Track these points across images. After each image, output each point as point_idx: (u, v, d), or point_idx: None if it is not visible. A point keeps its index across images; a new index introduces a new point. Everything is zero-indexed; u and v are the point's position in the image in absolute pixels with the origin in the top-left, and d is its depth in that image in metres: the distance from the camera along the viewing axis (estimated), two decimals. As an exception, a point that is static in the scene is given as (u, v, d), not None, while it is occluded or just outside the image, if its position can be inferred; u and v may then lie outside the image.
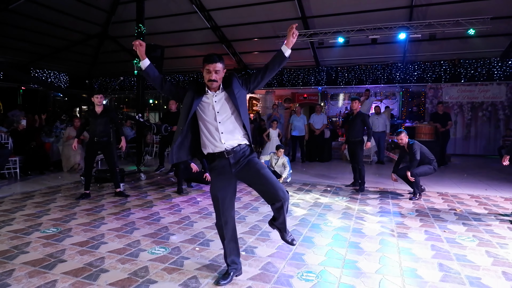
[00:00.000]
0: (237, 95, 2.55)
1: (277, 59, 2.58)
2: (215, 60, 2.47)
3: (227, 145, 2.56)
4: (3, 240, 3.52)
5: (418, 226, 4.10)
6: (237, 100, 2.54)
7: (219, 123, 2.56)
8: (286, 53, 2.55)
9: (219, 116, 2.56)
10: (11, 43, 12.16)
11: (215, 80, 2.49)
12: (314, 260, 3.09)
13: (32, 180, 6.76)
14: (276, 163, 6.55)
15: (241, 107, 2.56)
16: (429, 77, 12.04)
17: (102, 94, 5.27)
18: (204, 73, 2.52)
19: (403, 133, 5.54)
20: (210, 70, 2.48)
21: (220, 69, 2.50)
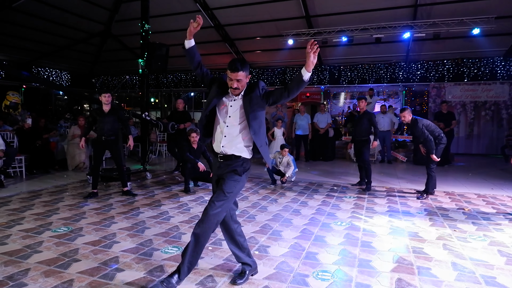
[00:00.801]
0: (252, 107, 2.48)
1: (295, 83, 2.38)
2: (237, 69, 2.41)
3: (224, 149, 2.57)
4: (15, 239, 3.52)
5: (428, 225, 4.11)
6: (250, 112, 2.47)
7: (226, 126, 2.56)
8: (305, 76, 2.30)
9: (229, 120, 2.56)
10: (14, 41, 12.12)
11: (236, 88, 2.48)
12: (328, 259, 3.10)
13: (38, 179, 6.75)
14: (281, 162, 6.56)
15: (253, 119, 2.48)
16: (432, 76, 12.05)
17: (110, 93, 5.26)
18: (227, 79, 2.50)
19: (407, 110, 5.40)
20: (232, 78, 2.45)
21: (243, 77, 2.45)
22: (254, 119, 2.50)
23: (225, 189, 2.51)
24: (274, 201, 5.25)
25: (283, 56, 13.04)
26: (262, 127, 2.58)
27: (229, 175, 2.56)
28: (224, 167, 2.59)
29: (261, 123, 2.56)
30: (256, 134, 2.52)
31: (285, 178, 6.36)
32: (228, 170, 2.57)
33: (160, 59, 8.05)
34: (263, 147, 2.59)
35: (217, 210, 2.47)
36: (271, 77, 14.01)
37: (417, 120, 5.34)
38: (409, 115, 5.39)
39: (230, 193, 2.52)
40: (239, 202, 5.12)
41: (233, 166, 2.56)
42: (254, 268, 2.77)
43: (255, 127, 2.50)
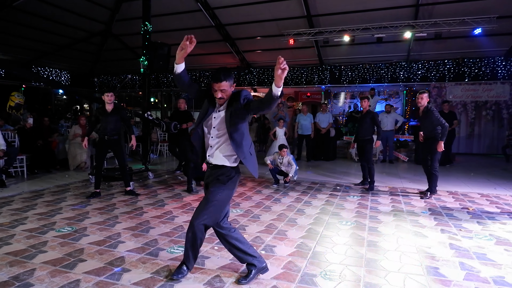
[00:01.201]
0: (233, 120, 2.46)
1: (267, 99, 2.28)
2: (220, 80, 2.42)
3: (209, 159, 2.63)
4: (20, 239, 3.49)
5: (433, 225, 4.10)
6: (231, 125, 2.47)
7: (211, 138, 2.60)
8: (275, 92, 2.21)
9: (213, 132, 2.58)
10: (14, 40, 12.08)
11: (221, 98, 2.49)
12: (334, 259, 3.08)
13: (39, 178, 6.72)
14: (282, 162, 6.51)
15: (234, 132, 2.48)
16: (433, 76, 12.04)
17: (113, 92, 5.24)
18: (212, 90, 2.50)
19: (425, 94, 5.30)
20: (216, 89, 2.46)
21: (226, 87, 2.45)
22: (236, 131, 2.50)
23: (210, 198, 2.56)
24: (277, 200, 5.23)
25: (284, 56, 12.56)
26: (245, 139, 2.56)
27: (213, 183, 2.61)
28: (210, 176, 2.66)
29: (243, 135, 2.55)
30: (239, 147, 2.52)
31: (289, 178, 6.35)
32: (213, 179, 2.62)
33: (162, 58, 8.04)
34: (247, 159, 2.56)
35: (200, 219, 2.52)
36: (272, 77, 13.94)
37: (432, 108, 5.31)
38: (427, 99, 5.30)
39: (214, 201, 2.54)
40: (243, 202, 5.11)
41: (217, 174, 2.60)
42: (260, 267, 2.74)
43: (237, 139, 2.51)
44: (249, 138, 2.64)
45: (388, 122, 9.31)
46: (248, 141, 2.62)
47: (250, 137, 2.68)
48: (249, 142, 2.62)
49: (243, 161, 2.55)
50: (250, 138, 2.67)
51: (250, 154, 2.60)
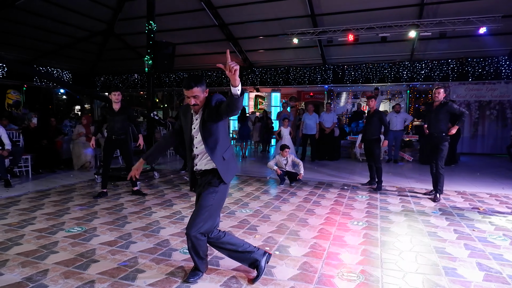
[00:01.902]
0: (206, 125, 2.46)
1: (230, 100, 2.23)
2: (191, 86, 2.39)
3: (197, 167, 2.61)
4: (30, 240, 3.45)
5: (445, 225, 4.06)
6: (204, 130, 2.47)
7: (195, 148, 2.58)
8: (234, 91, 2.16)
9: (196, 141, 2.57)
10: (16, 40, 12.02)
11: (195, 104, 2.46)
12: (350, 259, 3.05)
13: (44, 178, 6.67)
14: (286, 163, 6.43)
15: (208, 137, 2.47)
16: (436, 75, 12.02)
17: (120, 91, 5.19)
18: (186, 99, 2.51)
19: (442, 89, 5.26)
20: (188, 96, 2.44)
21: (199, 93, 2.42)
22: (209, 136, 2.49)
23: (202, 204, 2.51)
24: (286, 200, 5.20)
25: (287, 56, 13.01)
26: (219, 142, 2.53)
27: (205, 189, 2.57)
28: (201, 183, 2.63)
29: (217, 139, 2.52)
30: (212, 151, 2.50)
31: (301, 175, 6.28)
32: (205, 183, 2.58)
33: (167, 57, 8.02)
34: (220, 164, 2.53)
35: (196, 228, 2.47)
36: (274, 77, 13.95)
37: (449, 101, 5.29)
38: (443, 94, 5.26)
39: (208, 206, 2.51)
40: (251, 202, 5.07)
41: (208, 179, 2.58)
42: (263, 258, 2.71)
43: (210, 144, 2.49)
44: (226, 142, 2.60)
45: (397, 122, 9.26)
46: (224, 145, 2.57)
47: (228, 141, 2.65)
48: (224, 147, 2.57)
49: (218, 166, 2.51)
50: (227, 142, 2.64)
51: (223, 159, 2.55)
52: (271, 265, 2.90)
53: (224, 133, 2.57)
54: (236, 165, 2.75)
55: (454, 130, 5.12)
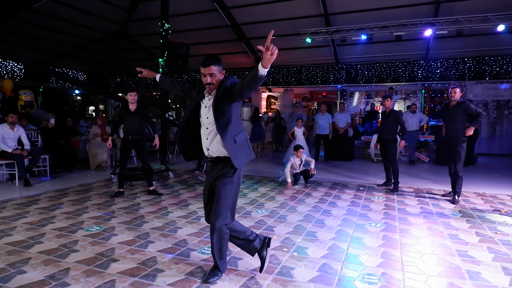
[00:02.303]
0: (219, 104, 2.44)
1: (250, 78, 2.22)
2: (209, 64, 2.41)
3: (209, 153, 2.58)
4: (50, 238, 3.50)
5: (466, 227, 3.97)
6: (216, 109, 2.45)
7: (206, 129, 2.56)
8: (261, 72, 2.14)
9: (206, 121, 2.55)
10: (32, 41, 12.26)
11: (211, 83, 2.46)
12: (370, 261, 3.00)
13: (62, 177, 6.78)
14: (300, 163, 6.38)
15: (220, 117, 2.44)
16: (452, 74, 11.79)
17: (136, 92, 5.24)
18: (202, 77, 2.50)
19: (458, 88, 5.19)
20: (205, 73, 2.44)
21: (216, 71, 2.44)
22: (222, 116, 2.47)
23: (221, 195, 2.52)
24: (301, 201, 5.16)
25: (299, 55, 12.93)
26: (232, 124, 2.49)
27: (220, 180, 2.55)
28: (214, 171, 2.60)
29: (229, 120, 2.49)
30: (223, 130, 2.46)
31: (312, 170, 6.24)
32: (219, 175, 2.56)
33: (180, 58, 8.04)
34: (230, 145, 2.48)
35: (222, 220, 2.50)
36: (287, 77, 13.90)
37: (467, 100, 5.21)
38: (460, 93, 5.17)
39: (228, 197, 2.53)
40: (266, 203, 5.05)
41: (222, 169, 2.56)
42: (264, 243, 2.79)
43: (221, 124, 2.46)
44: (238, 125, 2.57)
45: (413, 122, 9.12)
46: (236, 127, 2.54)
47: (241, 125, 2.61)
48: (236, 129, 2.54)
49: (226, 147, 2.47)
50: (240, 126, 2.60)
51: (235, 141, 2.51)
52: (290, 267, 2.88)
53: (236, 116, 2.55)
54: (250, 151, 2.66)
55: (471, 131, 5.00)
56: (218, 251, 2.60)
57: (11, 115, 6.20)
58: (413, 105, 9.65)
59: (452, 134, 5.19)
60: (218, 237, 2.54)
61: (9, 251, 3.16)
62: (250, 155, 2.66)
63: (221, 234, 2.53)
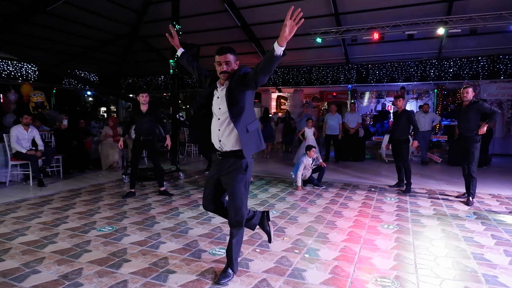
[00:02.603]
0: (232, 92, 2.42)
1: (266, 58, 2.19)
2: (225, 52, 2.43)
3: (221, 144, 2.55)
4: (64, 238, 3.55)
5: (482, 229, 3.89)
6: (229, 98, 2.42)
7: (218, 119, 2.55)
8: (277, 51, 2.10)
9: (219, 112, 2.53)
10: (45, 44, 12.46)
11: (226, 71, 2.45)
12: (383, 264, 2.96)
13: (74, 178, 6.88)
14: (312, 162, 6.28)
15: (233, 105, 2.42)
16: (465, 73, 11.58)
17: (147, 93, 5.27)
18: (216, 66, 2.49)
19: (471, 88, 5.11)
20: (221, 61, 2.44)
21: (231, 60, 2.45)
22: (235, 105, 2.44)
23: (237, 195, 2.54)
24: (312, 202, 5.13)
25: (309, 55, 12.86)
26: (244, 112, 2.47)
27: (233, 177, 2.54)
28: (224, 165, 2.58)
29: (242, 108, 2.46)
30: (237, 120, 2.44)
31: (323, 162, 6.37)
32: (230, 170, 2.55)
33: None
34: (243, 134, 2.46)
35: (241, 215, 2.58)
36: (297, 77, 13.85)
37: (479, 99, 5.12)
38: (472, 93, 5.09)
39: (243, 194, 2.58)
40: (277, 203, 5.03)
41: (234, 164, 2.54)
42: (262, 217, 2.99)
43: (235, 112, 2.44)
44: (251, 114, 2.56)
45: (425, 122, 8.99)
46: (249, 117, 2.53)
47: (253, 114, 2.60)
48: (249, 118, 2.53)
49: (240, 136, 2.46)
50: (253, 115, 2.59)
51: (247, 130, 2.49)
52: (302, 269, 2.86)
53: (249, 105, 2.54)
54: (261, 141, 2.65)
55: (484, 129, 4.88)
56: (236, 250, 2.67)
57: (26, 116, 6.31)
58: (425, 105, 9.50)
59: (465, 135, 5.11)
60: (239, 236, 2.65)
61: (23, 250, 3.21)
62: (260, 145, 2.66)
63: (242, 233, 2.66)
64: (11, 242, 3.41)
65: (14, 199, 5.16)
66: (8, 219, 4.18)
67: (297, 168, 6.10)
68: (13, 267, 2.85)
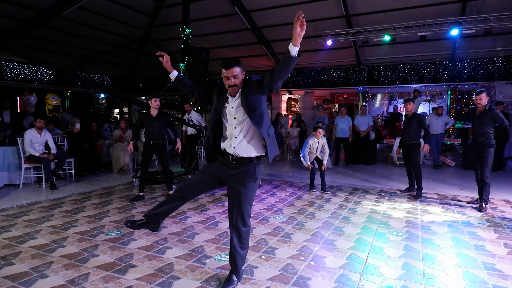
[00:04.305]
0: (249, 99, 2.44)
1: (282, 60, 2.24)
2: (232, 65, 2.41)
3: (236, 151, 2.56)
4: (72, 242, 3.60)
5: (494, 238, 3.79)
6: (248, 105, 2.44)
7: (234, 128, 2.55)
8: (293, 52, 2.16)
9: (235, 122, 2.54)
10: (60, 48, 12.74)
11: (235, 85, 2.45)
12: (390, 273, 2.91)
13: (86, 180, 6.99)
14: (317, 147, 6.08)
15: (253, 112, 2.45)
16: (480, 75, 11.34)
17: (159, 98, 5.33)
18: (224, 80, 2.48)
19: (484, 93, 5.00)
20: (228, 76, 2.43)
21: (238, 73, 2.44)
22: (254, 111, 2.46)
23: (246, 200, 2.55)
24: (320, 207, 5.08)
25: (320, 57, 12.81)
26: (264, 117, 2.51)
27: (244, 183, 2.54)
28: (235, 168, 2.58)
29: (262, 114, 2.50)
30: (259, 125, 2.47)
31: (324, 166, 6.09)
32: (243, 176, 2.55)
33: (201, 62, 8.14)
34: (266, 139, 2.51)
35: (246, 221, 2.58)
36: (308, 79, 13.79)
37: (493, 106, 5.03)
38: (486, 98, 4.99)
39: (251, 199, 2.61)
40: (285, 208, 5.01)
41: (248, 170, 2.55)
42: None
43: (256, 118, 2.46)
44: (267, 120, 2.58)
45: (438, 125, 8.84)
46: (267, 122, 2.56)
47: (268, 119, 2.61)
48: (267, 123, 2.57)
49: (266, 141, 2.50)
50: (268, 121, 2.61)
51: (268, 135, 2.54)
52: (307, 277, 2.83)
53: (266, 110, 2.58)
54: (277, 145, 2.73)
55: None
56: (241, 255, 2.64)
57: (39, 120, 6.45)
58: (439, 107, 9.32)
59: (479, 140, 5.01)
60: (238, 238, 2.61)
61: (33, 254, 3.27)
62: (277, 149, 2.75)
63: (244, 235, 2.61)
64: (21, 246, 3.48)
65: (27, 201, 5.27)
66: (20, 222, 4.27)
67: (303, 150, 6.09)
68: (22, 271, 2.91)
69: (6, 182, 6.31)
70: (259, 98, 2.48)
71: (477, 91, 5.09)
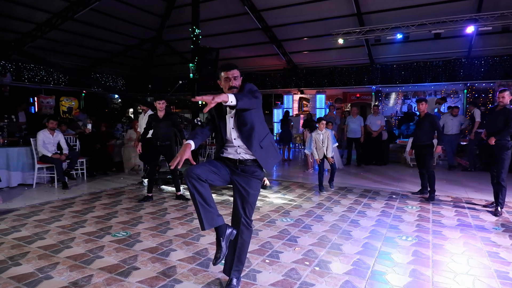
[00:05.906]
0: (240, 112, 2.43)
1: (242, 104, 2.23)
2: (232, 67, 2.47)
3: (241, 156, 2.55)
4: (79, 243, 3.63)
5: (509, 244, 3.64)
6: (239, 117, 2.45)
7: (234, 139, 2.53)
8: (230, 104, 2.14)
9: (234, 133, 2.52)
10: (75, 49, 12.96)
11: (235, 87, 2.47)
12: (397, 280, 2.82)
13: (97, 180, 7.08)
14: (322, 139, 5.95)
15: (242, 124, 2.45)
16: (497, 73, 10.99)
17: (164, 100, 5.35)
18: (223, 82, 2.50)
19: (507, 92, 4.79)
20: (229, 77, 2.46)
21: (238, 75, 2.49)
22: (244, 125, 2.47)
23: (252, 200, 2.57)
24: (329, 209, 5.00)
25: (331, 56, 12.67)
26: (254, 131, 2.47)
27: (250, 183, 2.54)
28: (242, 170, 2.56)
29: (252, 128, 2.47)
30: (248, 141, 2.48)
31: (330, 159, 5.98)
32: (250, 177, 2.54)
33: (210, 63, 8.14)
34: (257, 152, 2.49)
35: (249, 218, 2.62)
36: (319, 78, 13.64)
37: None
38: (509, 97, 4.78)
39: (256, 199, 2.63)
40: (293, 210, 4.95)
41: (255, 171, 2.55)
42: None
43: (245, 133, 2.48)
44: (262, 130, 2.53)
45: (453, 125, 8.62)
46: (260, 133, 2.51)
47: (264, 129, 2.57)
48: (261, 135, 2.52)
49: (255, 155, 2.49)
50: (264, 130, 2.56)
51: (261, 147, 2.51)
52: (310, 283, 2.77)
53: (259, 121, 2.53)
54: (277, 152, 2.72)
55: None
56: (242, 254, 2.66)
57: (51, 121, 6.56)
58: (455, 107, 9.07)
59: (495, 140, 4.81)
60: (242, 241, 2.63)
61: (40, 255, 3.31)
62: (278, 156, 2.73)
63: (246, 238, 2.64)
64: (29, 246, 3.53)
65: (38, 201, 5.37)
66: (30, 222, 4.34)
67: (309, 146, 6.02)
68: (27, 272, 2.94)
69: (20, 181, 6.45)
70: (249, 111, 2.43)
71: (500, 89, 4.89)
